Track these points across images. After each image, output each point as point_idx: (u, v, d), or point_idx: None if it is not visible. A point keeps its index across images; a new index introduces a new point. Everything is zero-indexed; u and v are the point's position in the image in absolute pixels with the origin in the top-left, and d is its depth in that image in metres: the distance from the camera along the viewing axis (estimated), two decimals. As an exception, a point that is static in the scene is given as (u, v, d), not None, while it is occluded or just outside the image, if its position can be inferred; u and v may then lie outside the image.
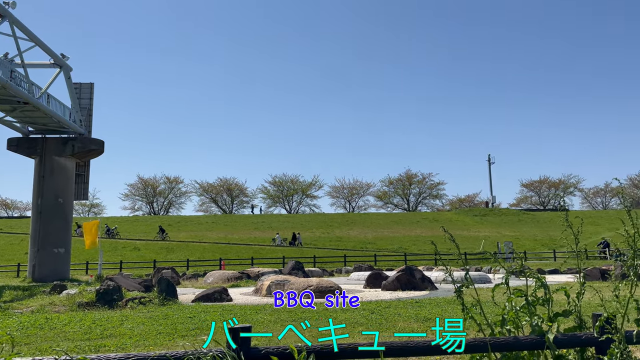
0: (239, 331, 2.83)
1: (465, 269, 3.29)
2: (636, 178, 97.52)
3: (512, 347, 2.83)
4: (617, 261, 26.86)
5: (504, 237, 53.85)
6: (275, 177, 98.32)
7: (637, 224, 2.99)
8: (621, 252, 21.63)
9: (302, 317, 9.22)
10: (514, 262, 3.44)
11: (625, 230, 3.02)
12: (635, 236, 2.96)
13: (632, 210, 3.01)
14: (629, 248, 2.98)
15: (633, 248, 2.98)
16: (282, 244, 49.05)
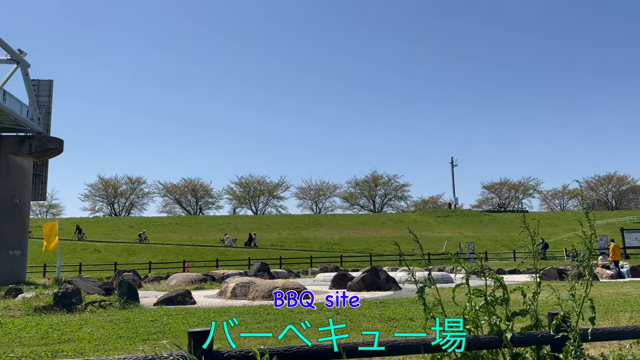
0: (199, 334, 2.78)
1: (428, 269, 3.34)
2: (592, 181, 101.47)
3: (472, 346, 2.88)
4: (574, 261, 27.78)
5: (466, 237, 54.99)
6: (242, 178, 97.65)
7: (594, 225, 3.10)
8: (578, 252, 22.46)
9: (267, 318, 9.17)
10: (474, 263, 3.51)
11: (583, 232, 3.12)
12: (592, 237, 3.07)
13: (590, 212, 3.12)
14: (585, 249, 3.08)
15: (589, 248, 3.09)
16: (231, 244, 48.36)
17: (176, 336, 7.53)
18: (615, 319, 8.21)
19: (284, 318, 9.19)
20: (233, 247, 47.68)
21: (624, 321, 7.96)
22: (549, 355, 3.06)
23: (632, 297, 11.61)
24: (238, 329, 8.16)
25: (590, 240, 3.06)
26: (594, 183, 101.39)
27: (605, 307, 9.69)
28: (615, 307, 9.77)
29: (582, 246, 3.21)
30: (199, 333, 2.80)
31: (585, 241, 3.08)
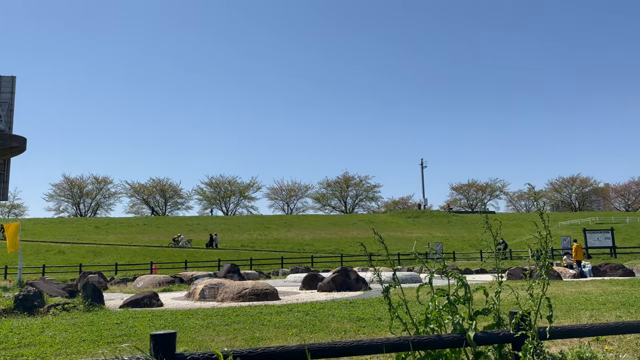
0: (162, 337, 2.73)
1: (394, 269, 3.37)
2: (556, 182, 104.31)
3: (435, 345, 2.92)
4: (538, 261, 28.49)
5: (434, 238, 55.77)
6: (212, 178, 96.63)
7: (549, 226, 3.18)
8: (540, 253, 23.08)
9: (236, 320, 9.09)
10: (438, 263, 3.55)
11: (539, 232, 3.20)
12: (547, 238, 3.15)
13: (544, 213, 3.20)
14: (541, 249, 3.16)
15: (545, 249, 3.17)
16: (186, 245, 47.70)
17: (142, 339, 7.39)
18: (576, 317, 8.44)
19: (253, 319, 9.13)
20: (187, 247, 46.94)
21: (584, 319, 8.20)
22: (511, 354, 3.13)
23: (592, 295, 11.97)
24: (205, 331, 8.06)
25: (545, 241, 3.14)
26: (558, 185, 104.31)
27: (567, 306, 9.96)
28: (577, 305, 10.05)
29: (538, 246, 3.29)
30: (161, 336, 2.75)
31: (541, 242, 3.16)
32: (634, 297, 11.27)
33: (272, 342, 6.85)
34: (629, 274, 22.37)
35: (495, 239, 3.49)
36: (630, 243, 44.69)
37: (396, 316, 3.17)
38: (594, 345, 5.90)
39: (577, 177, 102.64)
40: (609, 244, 36.86)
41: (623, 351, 5.55)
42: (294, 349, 2.69)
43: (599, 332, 3.35)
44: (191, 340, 7.26)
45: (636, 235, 51.82)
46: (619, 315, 8.46)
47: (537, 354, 2.95)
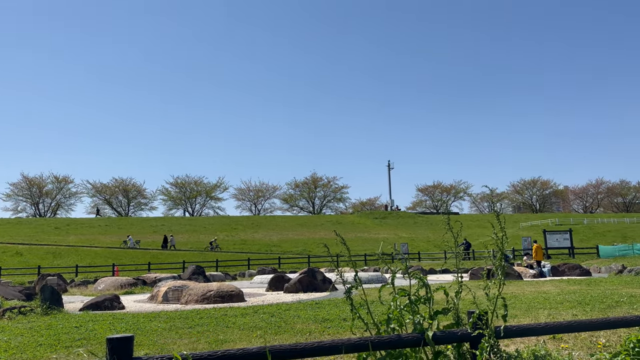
0: (119, 341, 2.66)
1: (356, 270, 3.39)
2: (518, 185, 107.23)
3: (395, 345, 2.94)
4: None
5: (401, 238, 56.46)
6: (178, 178, 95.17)
7: (505, 227, 3.26)
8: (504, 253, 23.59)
9: (200, 323, 8.97)
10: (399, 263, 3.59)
11: (495, 234, 3.27)
12: (503, 239, 3.22)
13: (501, 215, 3.28)
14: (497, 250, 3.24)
15: (501, 250, 3.25)
16: (134, 246, 46.88)
17: (101, 343, 7.20)
18: (535, 315, 8.67)
19: (217, 322, 9.03)
20: (136, 248, 46.05)
21: (542, 318, 8.43)
22: (469, 352, 3.19)
23: (551, 295, 12.32)
24: (168, 334, 7.92)
25: (501, 242, 3.22)
26: (520, 187, 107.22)
27: (527, 305, 10.22)
28: (536, 304, 10.33)
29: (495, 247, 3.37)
30: (118, 340, 2.68)
31: (497, 243, 3.23)
32: (590, 296, 11.66)
33: (236, 344, 6.78)
34: (586, 273, 23.17)
35: (457, 240, 3.55)
36: (588, 244, 46.31)
37: (358, 316, 3.19)
38: (550, 343, 6.07)
39: (538, 180, 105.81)
40: (568, 244, 38.09)
41: (577, 349, 5.74)
42: (254, 352, 2.67)
43: (553, 331, 3.46)
44: (153, 343, 7.13)
45: (593, 236, 53.77)
46: (575, 314, 8.74)
47: (494, 352, 3.02)
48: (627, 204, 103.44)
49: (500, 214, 3.45)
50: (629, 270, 22.64)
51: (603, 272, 25.06)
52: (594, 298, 11.11)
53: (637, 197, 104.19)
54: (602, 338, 6.27)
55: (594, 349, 5.62)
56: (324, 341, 2.75)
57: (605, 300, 10.64)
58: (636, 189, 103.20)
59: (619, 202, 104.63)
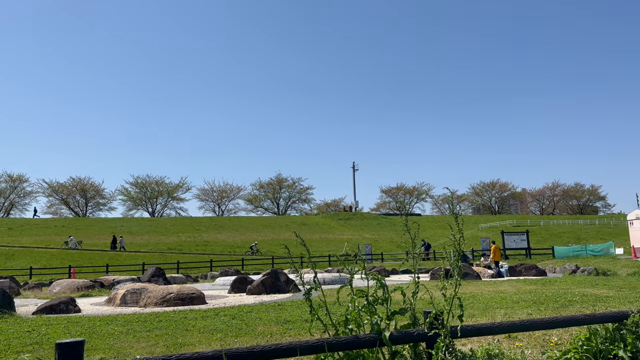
0: (69, 346, 2.57)
1: (315, 271, 3.39)
2: (478, 187, 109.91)
3: (353, 346, 2.96)
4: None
5: (364, 239, 56.93)
6: (138, 177, 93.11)
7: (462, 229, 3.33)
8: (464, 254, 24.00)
9: (158, 326, 8.78)
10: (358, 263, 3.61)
11: (452, 235, 3.33)
12: (460, 240, 3.28)
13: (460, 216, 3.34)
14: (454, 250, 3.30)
15: (458, 250, 3.31)
16: (76, 247, 45.73)
17: (48, 348, 6.95)
18: (492, 315, 8.88)
19: (177, 325, 8.86)
20: (77, 249, 44.86)
21: (499, 317, 8.65)
22: (425, 352, 3.23)
23: (508, 294, 12.65)
24: (125, 337, 7.72)
25: (458, 243, 3.28)
26: (479, 189, 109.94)
27: (485, 305, 10.46)
28: (493, 304, 10.58)
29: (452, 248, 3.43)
30: (67, 345, 2.58)
31: (455, 244, 3.29)
32: (544, 295, 12.04)
33: (195, 347, 6.67)
34: (541, 273, 23.94)
35: (414, 241, 3.60)
36: (544, 244, 47.87)
37: (316, 318, 3.18)
38: (506, 342, 6.23)
39: (497, 182, 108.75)
40: (525, 245, 39.27)
41: (531, 347, 5.91)
42: (210, 355, 2.62)
43: (507, 330, 3.55)
44: (109, 347, 6.93)
45: (549, 237, 55.63)
46: (530, 313, 9.00)
47: (449, 352, 3.07)
48: (581, 206, 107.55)
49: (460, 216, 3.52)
50: (581, 271, 23.54)
51: (558, 272, 25.96)
52: (549, 297, 11.48)
53: (591, 199, 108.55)
54: (554, 336, 6.47)
55: (547, 347, 5.80)
56: (281, 343, 2.73)
57: (559, 299, 11.00)
58: (590, 192, 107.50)
59: (574, 204, 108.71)
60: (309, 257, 3.36)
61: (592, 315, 4.14)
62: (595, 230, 61.84)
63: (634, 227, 30.62)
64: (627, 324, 4.29)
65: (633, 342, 4.16)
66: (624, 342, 4.16)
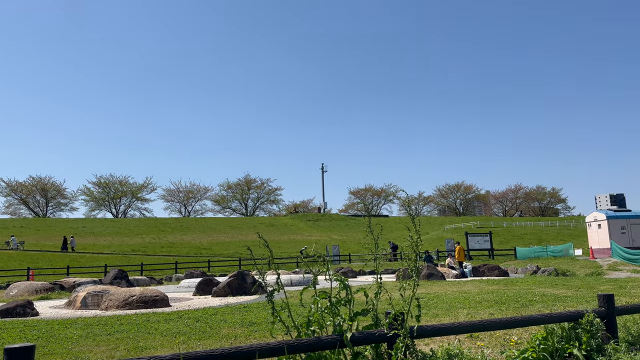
0: (18, 352, 2.46)
1: (277, 273, 3.36)
2: (443, 189, 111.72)
3: (314, 347, 2.94)
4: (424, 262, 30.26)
5: (333, 240, 57.08)
6: (101, 177, 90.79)
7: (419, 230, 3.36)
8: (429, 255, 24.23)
9: (119, 330, 8.56)
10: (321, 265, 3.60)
11: (410, 236, 3.36)
12: (418, 241, 3.32)
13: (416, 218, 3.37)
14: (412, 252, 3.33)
15: (415, 252, 3.34)
16: (17, 247, 44.43)
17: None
18: (455, 315, 9.02)
19: (139, 328, 8.66)
20: (19, 249, 43.54)
21: (462, 317, 8.79)
22: (386, 353, 3.24)
23: (471, 294, 12.89)
24: (84, 341, 7.50)
25: (416, 244, 3.31)
26: (445, 191, 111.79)
27: (448, 305, 10.62)
28: (457, 304, 10.75)
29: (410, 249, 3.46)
30: (16, 350, 2.48)
31: (412, 245, 3.32)
32: (506, 295, 12.31)
33: (157, 351, 6.54)
34: (504, 274, 24.50)
35: (377, 241, 3.61)
36: (506, 245, 49.02)
37: (279, 320, 3.15)
38: (468, 341, 6.33)
39: (462, 184, 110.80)
40: (488, 246, 40.14)
41: (492, 346, 6.02)
42: (168, 358, 2.56)
43: (466, 330, 3.60)
44: (67, 352, 6.72)
45: (511, 239, 57.00)
46: (492, 313, 9.18)
47: (410, 352, 3.09)
48: (542, 208, 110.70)
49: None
50: (542, 271, 24.22)
51: (520, 272, 26.62)
52: (510, 298, 11.74)
53: (552, 202, 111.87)
54: (515, 336, 6.62)
55: (507, 346, 5.92)
56: (241, 346, 2.69)
57: (520, 299, 11.26)
58: (551, 195, 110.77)
59: (536, 206, 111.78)
60: (272, 258, 3.33)
61: (549, 315, 4.25)
62: (556, 231, 63.72)
63: (592, 229, 31.70)
64: (582, 323, 4.43)
65: (587, 340, 4.29)
66: (579, 340, 4.29)
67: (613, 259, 26.88)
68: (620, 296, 11.22)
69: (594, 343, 4.29)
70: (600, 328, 4.45)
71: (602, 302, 4.76)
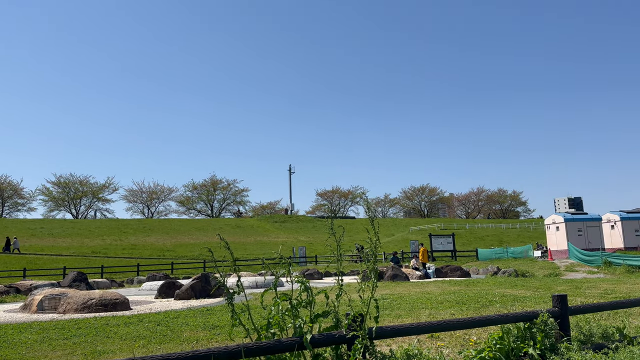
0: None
1: (238, 275, 3.33)
2: (409, 191, 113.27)
3: (274, 350, 2.93)
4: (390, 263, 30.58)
5: (300, 242, 57.05)
6: (61, 177, 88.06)
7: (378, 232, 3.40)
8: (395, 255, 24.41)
9: (77, 334, 8.32)
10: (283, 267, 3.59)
11: (369, 238, 3.40)
12: (376, 243, 3.36)
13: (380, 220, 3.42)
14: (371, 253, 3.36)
15: (374, 253, 3.37)
16: None
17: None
18: (417, 315, 9.15)
19: (97, 332, 8.44)
20: None
21: (424, 317, 8.92)
22: (346, 354, 3.26)
23: (433, 295, 13.09)
24: (39, 346, 7.26)
25: (374, 245, 3.35)
26: (410, 193, 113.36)
27: (411, 305, 10.76)
28: (419, 305, 10.90)
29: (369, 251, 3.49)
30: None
31: (371, 246, 3.36)
32: (467, 296, 12.56)
33: (116, 355, 6.39)
34: (466, 274, 25.03)
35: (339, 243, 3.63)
36: (469, 247, 50.08)
37: (238, 322, 3.13)
38: (429, 342, 6.43)
39: (427, 187, 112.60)
40: (451, 247, 40.94)
41: (452, 346, 6.14)
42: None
43: (425, 330, 3.66)
44: (21, 357, 6.49)
45: (474, 240, 58.28)
46: (453, 313, 9.36)
47: (369, 352, 3.12)
48: (503, 210, 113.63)
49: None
50: (502, 272, 24.87)
51: (481, 273, 27.24)
52: (471, 298, 11.98)
53: (513, 204, 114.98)
54: (474, 336, 6.76)
55: (466, 346, 6.04)
56: (199, 350, 2.66)
57: (480, 300, 11.51)
58: (512, 197, 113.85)
59: (497, 209, 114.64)
60: (233, 260, 3.30)
61: (505, 315, 4.37)
62: (517, 233, 65.49)
63: (551, 231, 32.74)
64: (537, 322, 4.57)
65: (542, 340, 4.43)
66: (533, 340, 4.42)
67: (570, 260, 27.83)
68: (575, 296, 11.62)
69: (547, 342, 4.43)
70: (553, 327, 4.60)
71: (556, 302, 4.92)
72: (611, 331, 5.40)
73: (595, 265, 24.51)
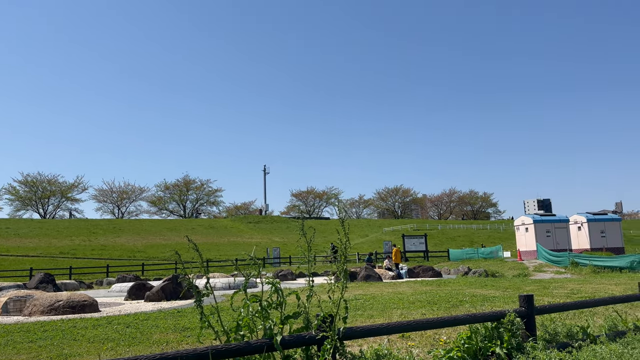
0: None
1: (207, 277, 3.30)
2: (383, 192, 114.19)
3: (243, 352, 2.91)
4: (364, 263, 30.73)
5: (274, 243, 56.85)
6: (28, 175, 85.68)
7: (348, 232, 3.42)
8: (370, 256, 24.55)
9: (43, 337, 8.11)
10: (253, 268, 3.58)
11: (339, 239, 3.42)
12: (347, 244, 3.37)
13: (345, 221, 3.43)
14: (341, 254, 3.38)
15: (344, 254, 3.39)
16: None
17: None
18: (389, 315, 9.22)
19: (65, 334, 8.24)
20: None
21: (395, 317, 8.99)
22: (316, 355, 3.27)
23: (405, 295, 13.22)
24: (4, 350, 7.05)
25: (345, 246, 3.36)
26: (384, 194, 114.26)
27: (383, 305, 10.84)
28: (391, 305, 10.98)
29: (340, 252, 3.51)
30: None
31: (341, 247, 3.37)
32: (438, 296, 12.72)
33: (83, 358, 6.25)
34: (437, 275, 25.35)
35: (309, 244, 3.63)
36: (441, 247, 50.74)
37: (207, 324, 3.10)
38: (400, 341, 6.49)
39: (400, 188, 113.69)
40: (423, 248, 41.40)
41: (422, 346, 6.21)
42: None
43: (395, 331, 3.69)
44: (-19, 363, 6.29)
45: (446, 241, 59.09)
46: (424, 313, 9.46)
47: (339, 353, 3.13)
48: (474, 212, 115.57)
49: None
50: (473, 272, 25.27)
51: (452, 273, 27.62)
52: (442, 298, 12.14)
53: (484, 206, 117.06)
54: (444, 335, 6.85)
55: (436, 346, 6.12)
56: (167, 352, 2.62)
57: (451, 300, 11.68)
58: (483, 199, 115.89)
59: (468, 210, 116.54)
60: (202, 262, 3.27)
61: (473, 315, 4.44)
62: (487, 234, 66.66)
63: (520, 232, 33.43)
64: (504, 322, 4.66)
65: (509, 339, 4.52)
66: (501, 339, 4.51)
67: (539, 260, 28.47)
68: (543, 296, 11.89)
69: (514, 342, 4.52)
70: (520, 327, 4.70)
71: (523, 302, 5.03)
72: (575, 330, 5.55)
73: (563, 265, 25.14)
